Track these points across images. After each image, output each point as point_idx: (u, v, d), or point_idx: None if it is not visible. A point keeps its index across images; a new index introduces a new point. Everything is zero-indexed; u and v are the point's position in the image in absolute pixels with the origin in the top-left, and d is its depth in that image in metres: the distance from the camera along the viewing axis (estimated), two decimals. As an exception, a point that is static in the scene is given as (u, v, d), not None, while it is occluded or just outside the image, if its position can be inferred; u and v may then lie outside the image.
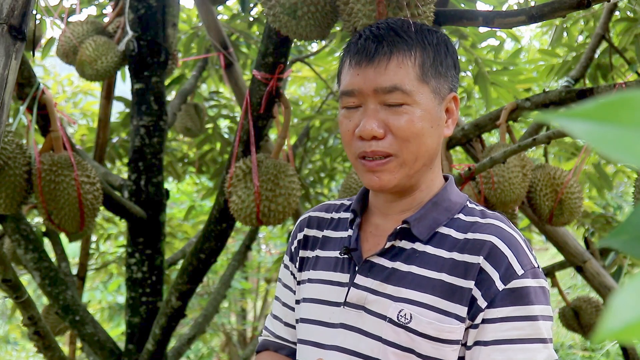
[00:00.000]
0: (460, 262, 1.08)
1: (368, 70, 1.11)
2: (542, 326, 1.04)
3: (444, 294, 1.08)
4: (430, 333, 1.07)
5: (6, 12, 1.31)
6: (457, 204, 1.18)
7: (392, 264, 1.14)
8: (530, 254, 1.09)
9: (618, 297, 0.33)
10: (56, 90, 5.48)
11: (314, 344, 1.19)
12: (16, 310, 3.48)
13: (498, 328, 1.04)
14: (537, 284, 1.06)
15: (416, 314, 1.08)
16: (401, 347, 1.08)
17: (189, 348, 3.31)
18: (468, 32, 3.41)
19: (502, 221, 1.13)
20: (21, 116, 2.11)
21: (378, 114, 1.10)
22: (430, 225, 1.14)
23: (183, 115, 3.68)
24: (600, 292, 3.01)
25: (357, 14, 1.48)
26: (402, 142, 1.09)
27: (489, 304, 1.05)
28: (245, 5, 3.11)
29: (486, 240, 1.08)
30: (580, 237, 4.35)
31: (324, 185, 4.94)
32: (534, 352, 1.03)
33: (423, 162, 1.13)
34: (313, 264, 1.25)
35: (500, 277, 1.05)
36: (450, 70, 1.16)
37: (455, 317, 1.06)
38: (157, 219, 2.89)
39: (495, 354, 1.04)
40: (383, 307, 1.11)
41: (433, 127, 1.12)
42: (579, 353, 6.58)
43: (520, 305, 1.04)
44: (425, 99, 1.11)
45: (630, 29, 3.17)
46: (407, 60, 1.10)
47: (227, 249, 6.45)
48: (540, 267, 1.11)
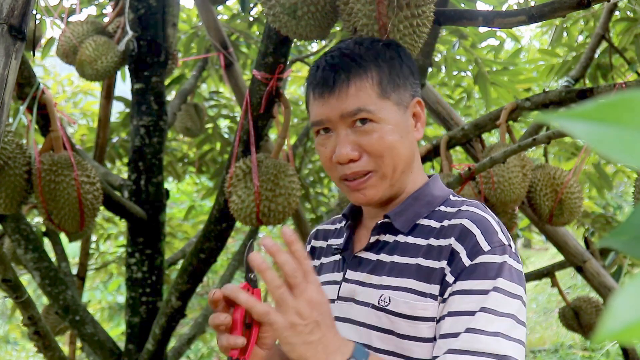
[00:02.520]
0: (435, 247, 1.14)
1: (331, 100, 1.18)
2: (501, 299, 1.06)
3: (420, 277, 1.13)
4: (405, 312, 1.12)
5: (6, 12, 1.31)
6: (440, 197, 1.23)
7: (377, 257, 1.21)
8: (503, 234, 1.13)
9: (618, 297, 0.33)
10: (56, 90, 5.48)
11: None
12: (16, 310, 3.48)
13: (460, 300, 1.08)
14: (502, 259, 1.09)
15: (394, 296, 1.14)
16: (383, 329, 1.15)
17: (189, 348, 3.32)
18: (468, 32, 3.41)
19: (477, 207, 1.17)
20: (21, 116, 2.11)
21: (349, 137, 1.17)
22: (411, 218, 1.21)
23: (183, 115, 3.68)
24: (600, 292, 3.01)
25: (357, 14, 1.48)
26: (377, 159, 1.17)
27: (456, 278, 1.09)
28: (245, 5, 3.12)
29: (457, 224, 1.14)
30: (580, 237, 4.35)
31: (324, 185, 4.94)
32: (489, 322, 1.05)
33: (401, 169, 1.20)
34: (318, 271, 1.34)
35: (467, 253, 1.10)
36: (409, 79, 1.22)
37: (430, 295, 1.12)
38: (157, 219, 2.89)
39: (454, 325, 1.07)
40: (368, 296, 1.18)
41: (403, 136, 1.19)
42: (579, 353, 6.58)
43: (483, 280, 1.08)
44: (389, 113, 1.18)
45: (630, 29, 3.17)
46: (365, 83, 1.17)
47: (227, 249, 6.44)
48: (515, 250, 1.13)
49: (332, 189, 5.23)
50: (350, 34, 1.54)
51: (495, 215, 1.18)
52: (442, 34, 3.50)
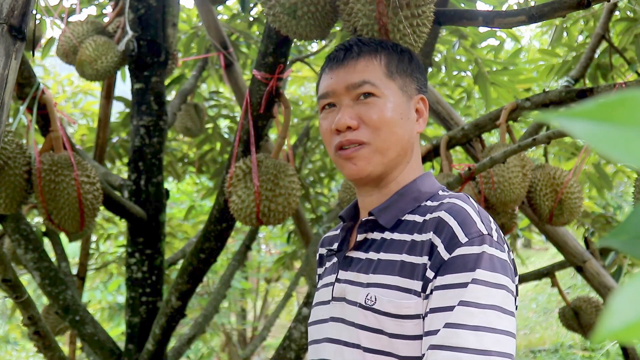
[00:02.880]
0: (417, 242, 1.14)
1: (340, 72, 1.25)
2: (481, 290, 1.04)
3: (404, 273, 1.13)
4: (390, 311, 1.12)
5: (6, 12, 1.31)
6: (427, 193, 1.24)
7: (366, 255, 1.22)
8: (483, 224, 1.10)
9: (618, 297, 0.33)
10: (56, 90, 5.48)
11: (315, 342, 1.29)
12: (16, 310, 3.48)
13: (440, 295, 1.07)
14: (480, 250, 1.07)
15: (380, 295, 1.14)
16: (371, 328, 1.14)
17: (189, 348, 3.31)
18: (468, 32, 3.41)
19: (458, 198, 1.16)
20: (21, 116, 2.11)
21: (352, 108, 1.22)
22: (395, 214, 1.21)
23: (183, 115, 3.68)
24: (600, 292, 3.01)
25: (357, 14, 1.48)
26: (374, 131, 1.20)
27: (436, 273, 1.09)
28: (245, 5, 3.12)
29: (435, 217, 1.13)
30: (580, 237, 4.35)
31: (324, 185, 4.94)
32: (467, 315, 1.03)
33: (396, 151, 1.22)
34: (322, 275, 1.38)
35: (445, 247, 1.09)
36: (416, 74, 1.28)
37: (414, 292, 1.11)
38: (157, 219, 2.89)
39: (435, 320, 1.06)
40: (356, 295, 1.18)
41: (403, 119, 1.23)
42: (579, 353, 6.58)
43: (461, 273, 1.06)
44: (392, 93, 1.23)
45: (630, 29, 3.17)
46: (374, 60, 1.24)
47: (227, 249, 6.45)
48: (499, 238, 1.11)
49: (332, 189, 5.23)
50: (350, 34, 1.54)
51: (475, 205, 1.16)
52: (442, 34, 3.50)
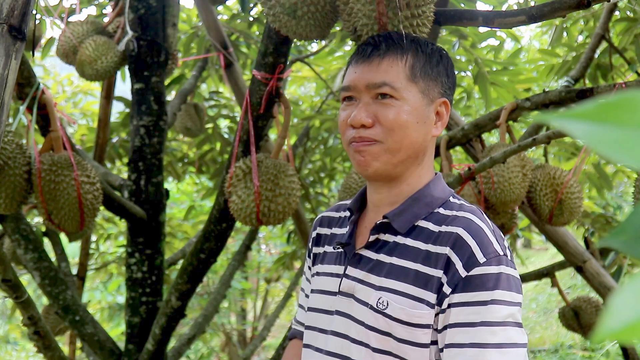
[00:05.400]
0: (432, 253, 1.18)
1: (364, 68, 1.25)
2: (501, 310, 1.11)
3: (418, 282, 1.18)
4: (402, 318, 1.17)
5: (6, 12, 1.31)
6: (439, 199, 1.26)
7: (377, 256, 1.25)
8: (498, 243, 1.17)
9: (617, 297, 0.33)
10: (56, 90, 5.48)
11: (319, 330, 1.32)
12: (16, 310, 3.48)
13: (460, 312, 1.12)
14: (498, 270, 1.13)
15: (392, 301, 1.18)
16: (380, 331, 1.19)
17: (189, 348, 3.31)
18: (468, 32, 3.41)
19: (474, 213, 1.21)
20: (21, 116, 2.11)
21: (369, 106, 1.23)
22: (410, 220, 1.24)
23: (183, 115, 3.67)
24: (600, 292, 3.01)
25: (357, 14, 1.48)
26: (387, 131, 1.22)
27: (453, 289, 1.14)
28: (245, 5, 3.11)
29: (453, 232, 1.17)
30: (580, 237, 4.35)
31: (324, 185, 4.94)
32: (490, 334, 1.10)
33: (407, 153, 1.24)
34: (321, 259, 1.39)
35: (463, 265, 1.14)
36: (442, 77, 1.28)
37: (426, 303, 1.16)
38: (157, 219, 2.89)
39: (457, 336, 1.12)
40: (367, 295, 1.22)
41: (419, 122, 1.23)
42: (579, 353, 6.58)
43: (479, 291, 1.12)
44: (412, 97, 1.23)
45: (630, 29, 3.17)
46: (398, 61, 1.24)
47: (227, 249, 6.45)
48: (510, 257, 1.18)
49: (332, 189, 5.23)
50: (350, 34, 1.54)
51: (490, 222, 1.22)
52: (442, 34, 3.50)
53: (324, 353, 1.28)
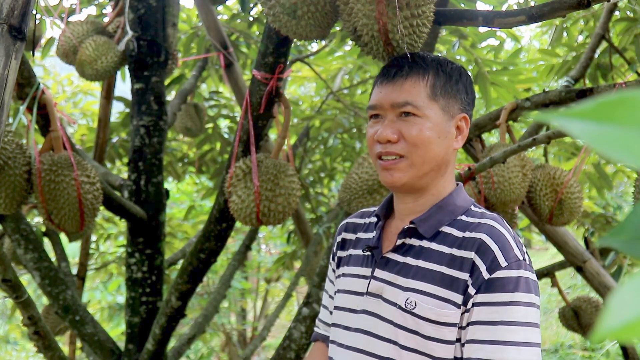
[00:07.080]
0: (457, 257, 1.28)
1: (388, 89, 1.35)
2: (520, 311, 1.20)
3: (443, 284, 1.27)
4: (431, 317, 1.26)
5: (6, 12, 1.31)
6: (462, 207, 1.36)
7: (404, 259, 1.34)
8: (518, 249, 1.27)
9: (617, 296, 0.34)
10: (56, 90, 5.48)
11: (344, 327, 1.41)
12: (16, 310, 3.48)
13: (481, 311, 1.22)
14: (518, 274, 1.23)
15: (420, 301, 1.27)
16: (408, 329, 1.28)
17: (189, 348, 3.31)
18: (468, 32, 3.41)
19: (496, 221, 1.31)
20: (21, 116, 2.11)
21: (394, 124, 1.33)
22: (435, 225, 1.34)
23: (183, 115, 3.67)
24: (600, 292, 3.01)
25: (357, 14, 1.48)
26: (412, 147, 1.31)
27: (477, 290, 1.23)
28: (245, 5, 3.11)
29: (477, 238, 1.27)
30: (580, 237, 4.35)
31: (323, 185, 4.94)
32: (509, 332, 1.19)
33: (430, 166, 1.33)
34: (347, 261, 1.49)
35: (487, 268, 1.23)
36: (461, 94, 1.37)
37: (452, 303, 1.25)
38: (157, 219, 2.89)
39: (478, 332, 1.22)
40: (395, 296, 1.31)
41: (440, 137, 1.33)
42: (579, 353, 6.58)
43: (500, 292, 1.21)
44: (434, 114, 1.32)
45: (630, 29, 3.17)
46: (420, 82, 1.33)
47: (227, 249, 6.45)
48: (529, 261, 1.28)
49: (332, 189, 5.23)
50: (350, 34, 1.54)
51: (510, 229, 1.31)
52: (442, 34, 3.49)
53: (348, 349, 1.38)
